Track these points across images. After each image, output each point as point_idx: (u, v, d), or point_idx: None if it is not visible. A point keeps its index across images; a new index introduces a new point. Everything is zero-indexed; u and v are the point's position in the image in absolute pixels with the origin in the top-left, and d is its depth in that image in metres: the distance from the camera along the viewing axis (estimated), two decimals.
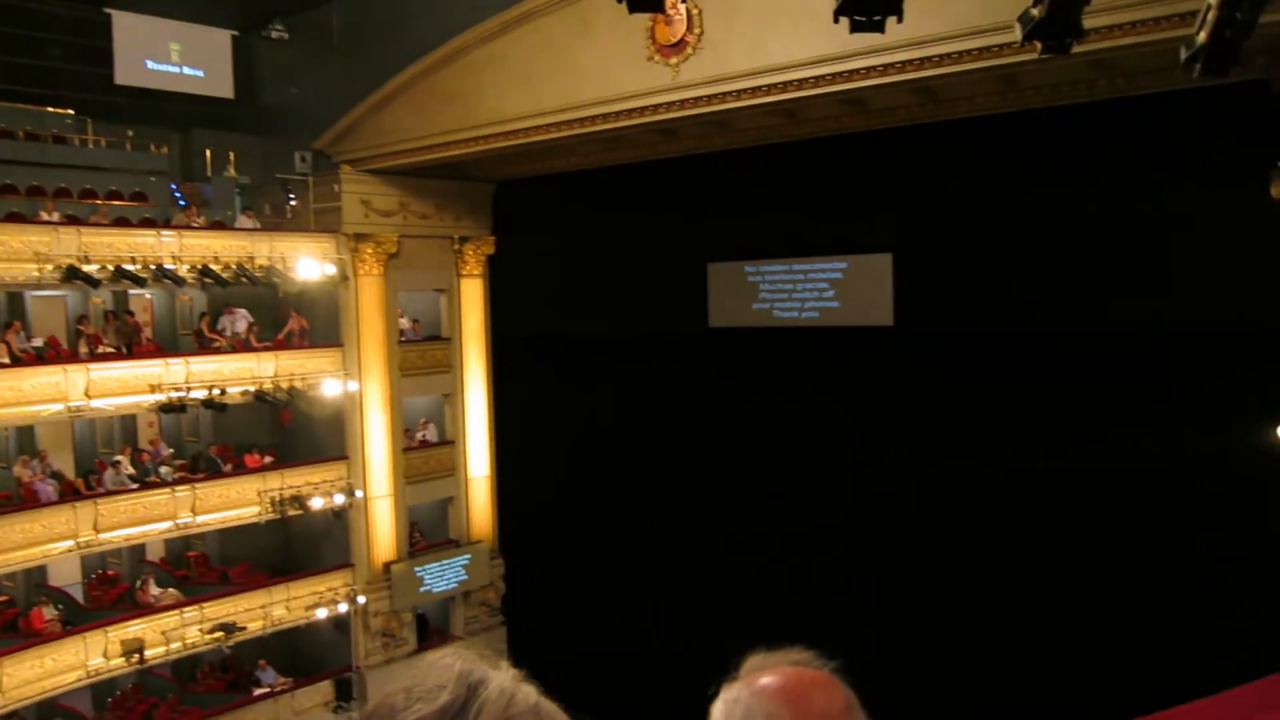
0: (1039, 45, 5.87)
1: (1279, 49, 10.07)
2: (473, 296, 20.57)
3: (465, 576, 20.08)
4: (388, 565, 19.08)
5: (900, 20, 5.63)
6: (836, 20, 5.68)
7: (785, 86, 13.19)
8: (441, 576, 19.75)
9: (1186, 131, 12.53)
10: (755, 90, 13.46)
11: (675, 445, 18.43)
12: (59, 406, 15.65)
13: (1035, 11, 5.68)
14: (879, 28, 5.71)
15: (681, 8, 13.66)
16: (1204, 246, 12.79)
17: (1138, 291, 13.38)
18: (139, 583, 17.20)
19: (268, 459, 18.63)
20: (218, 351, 17.73)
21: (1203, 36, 5.95)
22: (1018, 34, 5.96)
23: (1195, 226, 12.89)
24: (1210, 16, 5.84)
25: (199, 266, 17.01)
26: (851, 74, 12.56)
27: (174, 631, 16.71)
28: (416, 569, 19.38)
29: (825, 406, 16.71)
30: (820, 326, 16.59)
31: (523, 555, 20.60)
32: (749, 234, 17.20)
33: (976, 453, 15.28)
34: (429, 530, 20.55)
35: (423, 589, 19.47)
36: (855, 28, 5.71)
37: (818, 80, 12.88)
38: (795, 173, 16.26)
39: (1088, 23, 6.48)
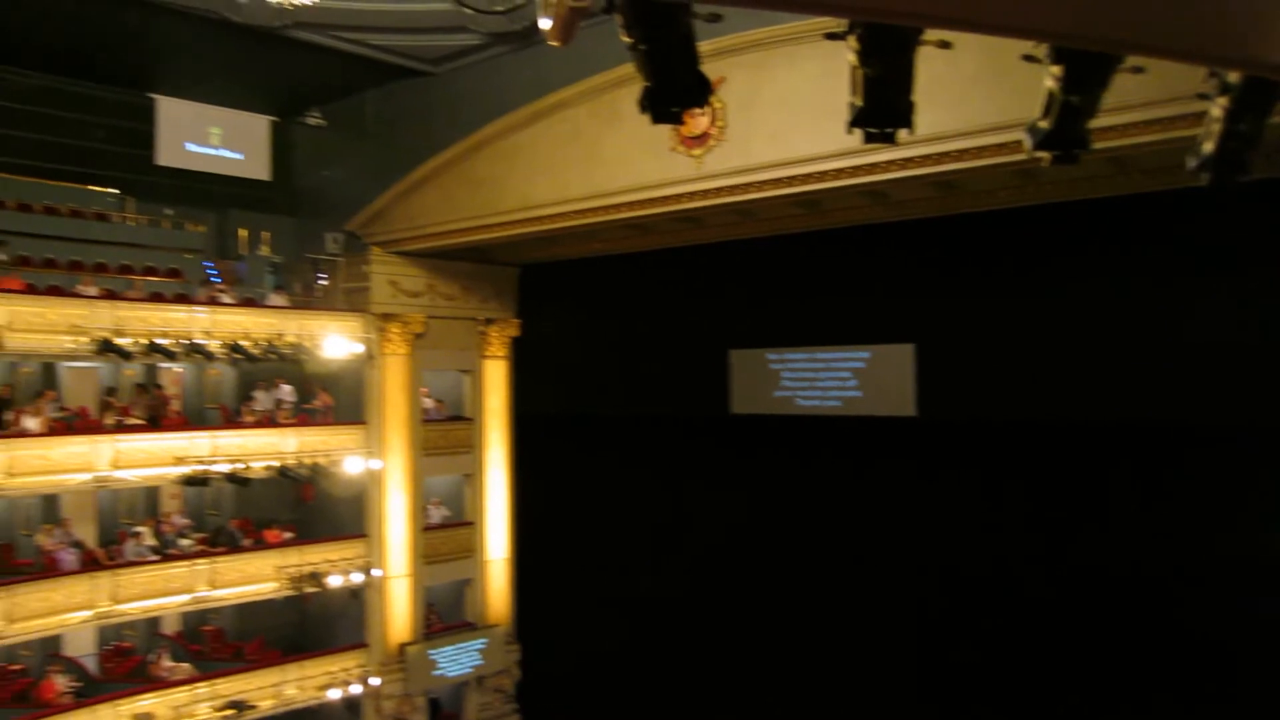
0: (1048, 155, 5.96)
1: None
2: (496, 378, 20.73)
3: (480, 661, 19.82)
4: (403, 647, 18.89)
5: (911, 132, 5.73)
6: (849, 132, 5.81)
7: (806, 178, 13.41)
8: (456, 660, 19.50)
9: (1208, 226, 12.54)
10: (777, 181, 13.69)
11: (697, 531, 18.29)
12: (86, 476, 15.85)
13: (1043, 124, 5.79)
14: (890, 139, 5.82)
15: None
16: (1228, 340, 12.72)
17: (1162, 383, 13.27)
18: (153, 656, 17.14)
19: (288, 535, 18.64)
20: (243, 426, 17.93)
21: (1209, 147, 6.01)
22: (1027, 144, 6.05)
23: (1219, 321, 12.83)
24: (1216, 128, 5.91)
25: (229, 342, 17.32)
26: (873, 167, 12.77)
27: (185, 707, 16.56)
28: (431, 652, 19.16)
29: (847, 495, 16.56)
30: (843, 415, 16.54)
31: (540, 641, 20.32)
32: (771, 321, 17.29)
33: (1001, 543, 15.06)
34: (446, 612, 20.37)
35: (436, 672, 19.22)
36: (869, 139, 5.83)
37: (839, 173, 13.08)
38: (818, 262, 16.40)
39: (1102, 121, 6.56)
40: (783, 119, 13.37)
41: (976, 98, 11.37)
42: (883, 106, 5.60)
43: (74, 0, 14.55)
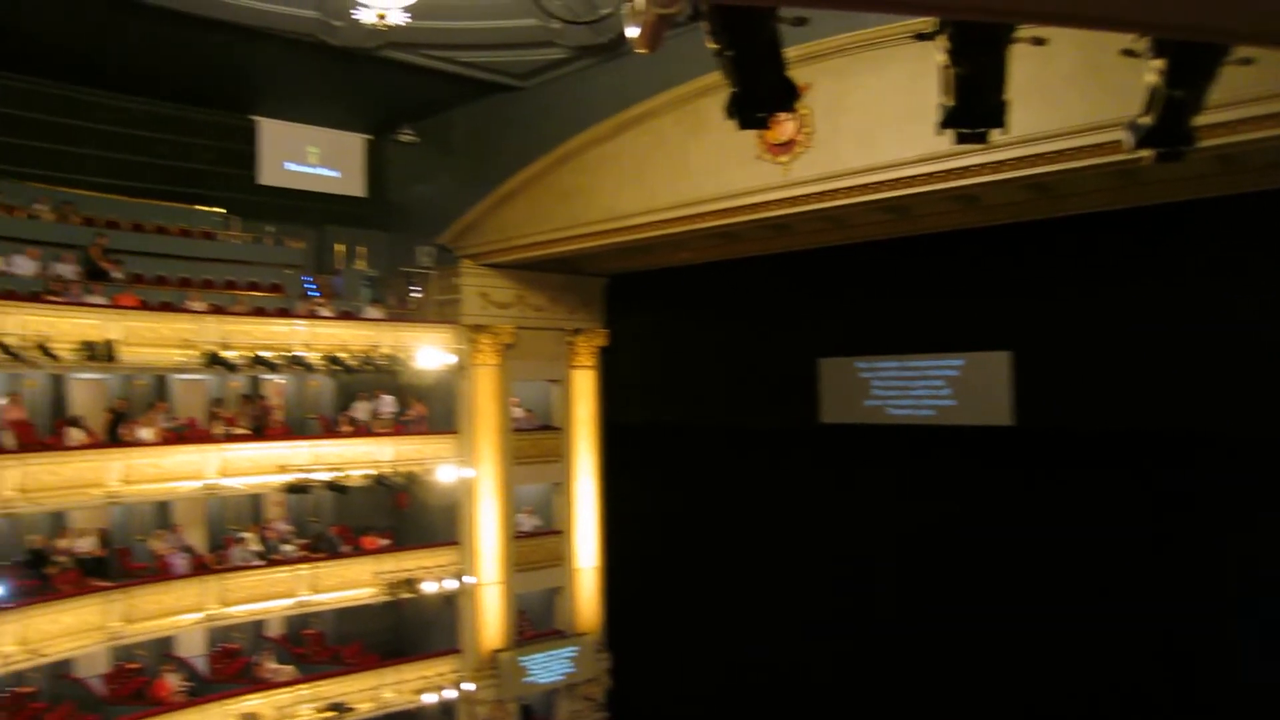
0: (1150, 153, 5.74)
1: None
2: (584, 387, 20.91)
3: (571, 669, 19.96)
4: (495, 653, 19.16)
5: (1004, 132, 5.60)
6: (939, 133, 5.71)
7: (895, 184, 13.20)
8: (547, 668, 19.69)
9: None
10: (865, 187, 13.50)
11: (786, 542, 18.10)
12: (196, 484, 16.53)
13: (1144, 120, 5.59)
14: (982, 139, 5.70)
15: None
16: None
17: (1268, 392, 12.65)
18: (258, 658, 17.73)
19: (384, 541, 19.11)
20: (342, 435, 18.47)
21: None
22: (1128, 143, 5.86)
23: None
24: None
25: (328, 355, 17.87)
26: (963, 171, 12.50)
27: (288, 708, 17.07)
28: (522, 659, 19.39)
29: (941, 506, 16.20)
30: (936, 425, 16.20)
31: (629, 649, 20.38)
32: (861, 329, 17.06)
33: (1109, 559, 14.52)
34: (536, 619, 20.60)
35: (528, 679, 19.42)
36: (960, 140, 5.72)
37: (928, 177, 12.85)
38: (908, 268, 16.11)
39: (1209, 118, 6.31)
40: (870, 124, 13.21)
41: (1073, 96, 11.05)
42: (974, 106, 5.50)
43: (181, 30, 15.20)
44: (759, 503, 18.50)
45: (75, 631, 14.74)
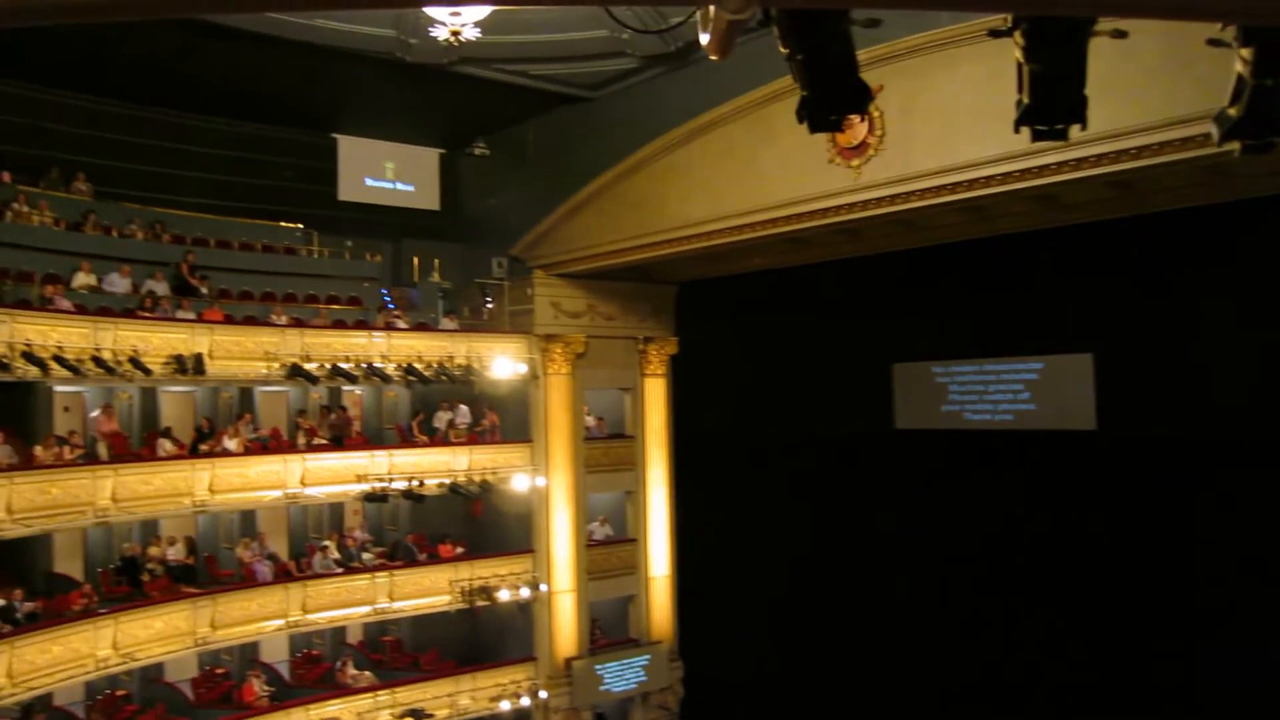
0: (1239, 145, 5.54)
1: None
2: (656, 395, 20.93)
3: (644, 678, 19.95)
4: (569, 661, 19.25)
5: (1084, 127, 5.45)
6: (1017, 130, 5.58)
7: (971, 184, 12.98)
8: (621, 676, 19.71)
9: None
10: (940, 189, 13.31)
11: (861, 550, 17.85)
12: (278, 493, 16.96)
13: (1232, 111, 5.40)
14: (1063, 135, 5.55)
15: None
16: None
17: None
18: (339, 664, 18.09)
19: (459, 549, 19.35)
20: (418, 445, 18.79)
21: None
22: (1214, 134, 5.67)
23: None
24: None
25: (404, 365, 18.21)
26: (1042, 169, 12.23)
27: (368, 714, 17.37)
28: (597, 667, 19.45)
29: (1022, 514, 15.82)
30: (1015, 430, 15.84)
31: (703, 658, 20.28)
32: (936, 333, 16.78)
33: (1197, 569, 14.02)
34: (609, 628, 20.64)
35: (602, 688, 19.47)
36: (1037, 137, 5.58)
37: (1006, 177, 12.61)
38: (984, 270, 15.82)
39: None
40: (944, 124, 13.01)
41: (1157, 89, 10.74)
42: (1052, 102, 5.37)
43: (266, 52, 15.70)
44: (832, 511, 18.30)
45: (166, 637, 15.24)
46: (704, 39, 4.68)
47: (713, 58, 4.86)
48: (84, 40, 14.96)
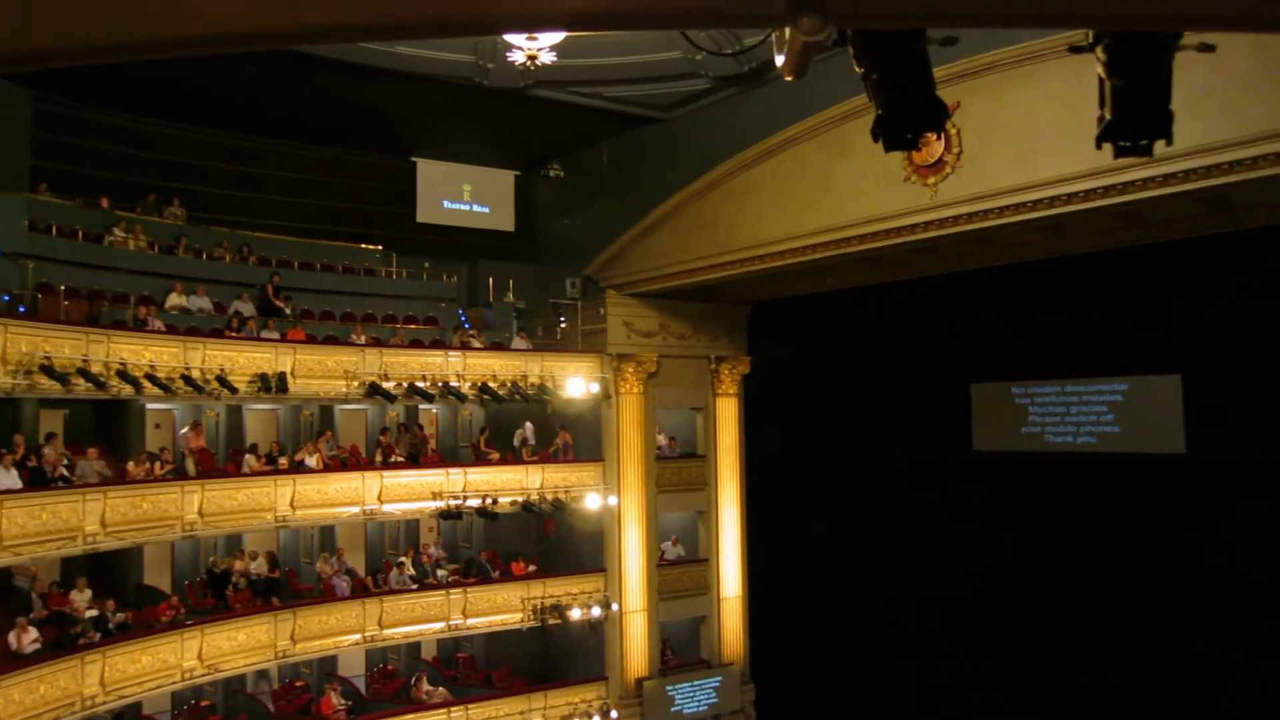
0: None
1: None
2: (728, 415, 20.85)
3: (715, 700, 19.79)
4: (639, 681, 19.19)
5: (1170, 143, 5.28)
6: (1099, 147, 5.43)
7: (1052, 202, 12.71)
8: (692, 698, 19.58)
9: None
10: (1019, 207, 13.06)
11: (937, 574, 17.51)
12: (356, 509, 17.30)
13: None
14: (1147, 152, 5.37)
15: None
16: None
17: None
18: (414, 679, 18.31)
19: (531, 568, 19.48)
20: (491, 463, 19.01)
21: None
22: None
23: None
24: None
25: (479, 384, 18.46)
26: (1127, 186, 11.93)
27: None
28: (668, 688, 19.35)
29: (1106, 540, 15.34)
30: (1099, 453, 15.39)
31: (774, 681, 20.06)
32: (1015, 353, 16.44)
33: None
34: (680, 649, 20.53)
35: (674, 709, 19.35)
36: (1119, 153, 5.40)
37: (1089, 194, 12.32)
38: (1065, 289, 15.46)
39: None
40: (1023, 141, 12.77)
41: (1249, 103, 10.42)
42: (1135, 118, 5.21)
43: (348, 79, 16.17)
44: (907, 533, 17.98)
45: (248, 649, 15.61)
46: (779, 60, 4.68)
47: (788, 79, 4.85)
48: (177, 71, 15.57)
